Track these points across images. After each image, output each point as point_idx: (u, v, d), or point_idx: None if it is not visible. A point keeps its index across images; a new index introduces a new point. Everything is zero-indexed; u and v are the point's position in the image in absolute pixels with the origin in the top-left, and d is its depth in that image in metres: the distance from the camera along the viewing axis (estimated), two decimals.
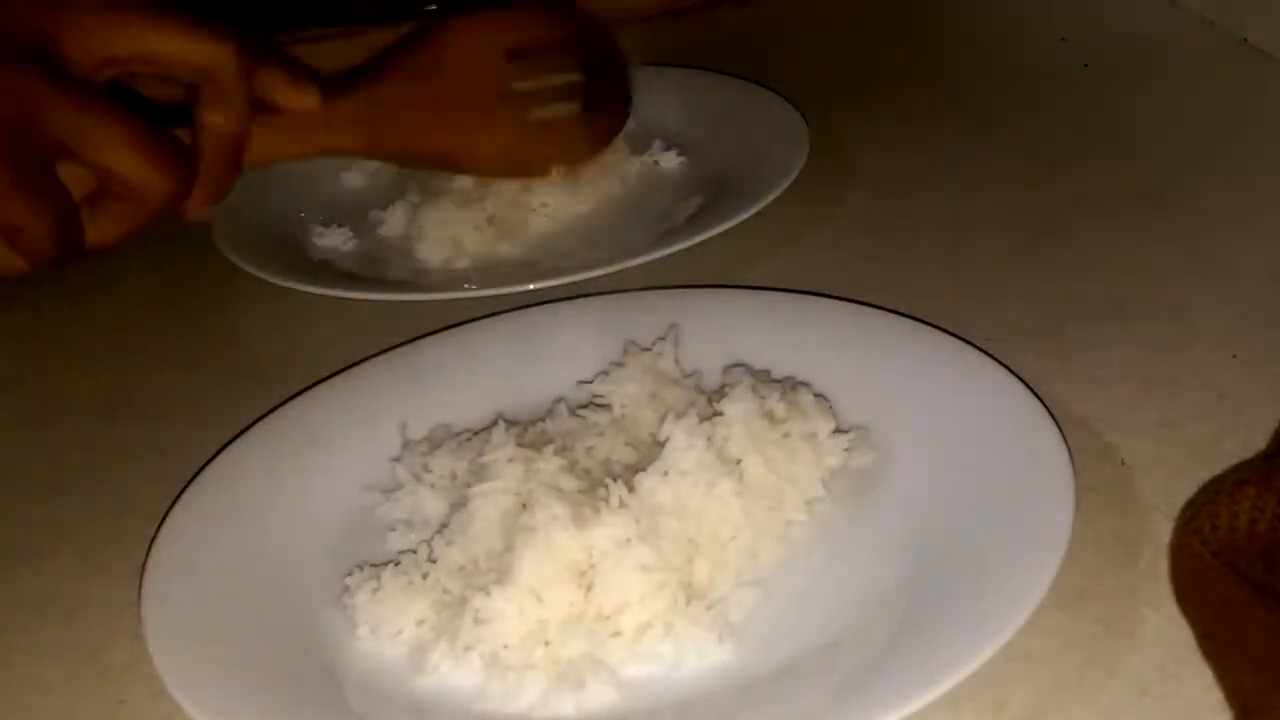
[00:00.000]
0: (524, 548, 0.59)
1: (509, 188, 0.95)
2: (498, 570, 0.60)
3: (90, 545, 0.72)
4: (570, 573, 0.59)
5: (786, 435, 0.66)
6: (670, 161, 1.01)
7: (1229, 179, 0.92)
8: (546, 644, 0.58)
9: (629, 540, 0.59)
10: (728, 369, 0.74)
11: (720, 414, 0.65)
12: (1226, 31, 1.10)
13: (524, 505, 0.62)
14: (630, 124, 1.03)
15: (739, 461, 0.64)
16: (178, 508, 0.68)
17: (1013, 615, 0.54)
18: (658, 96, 1.07)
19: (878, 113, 1.08)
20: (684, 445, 0.63)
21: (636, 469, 0.64)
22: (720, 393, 0.68)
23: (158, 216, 0.66)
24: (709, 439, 0.64)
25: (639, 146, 1.02)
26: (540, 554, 0.59)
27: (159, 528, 0.67)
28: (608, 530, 0.60)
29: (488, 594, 0.59)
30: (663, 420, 0.66)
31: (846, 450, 0.67)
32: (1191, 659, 0.55)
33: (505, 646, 0.58)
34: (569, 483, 0.63)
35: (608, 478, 0.63)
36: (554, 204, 0.95)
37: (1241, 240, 0.84)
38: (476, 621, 0.59)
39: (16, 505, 0.77)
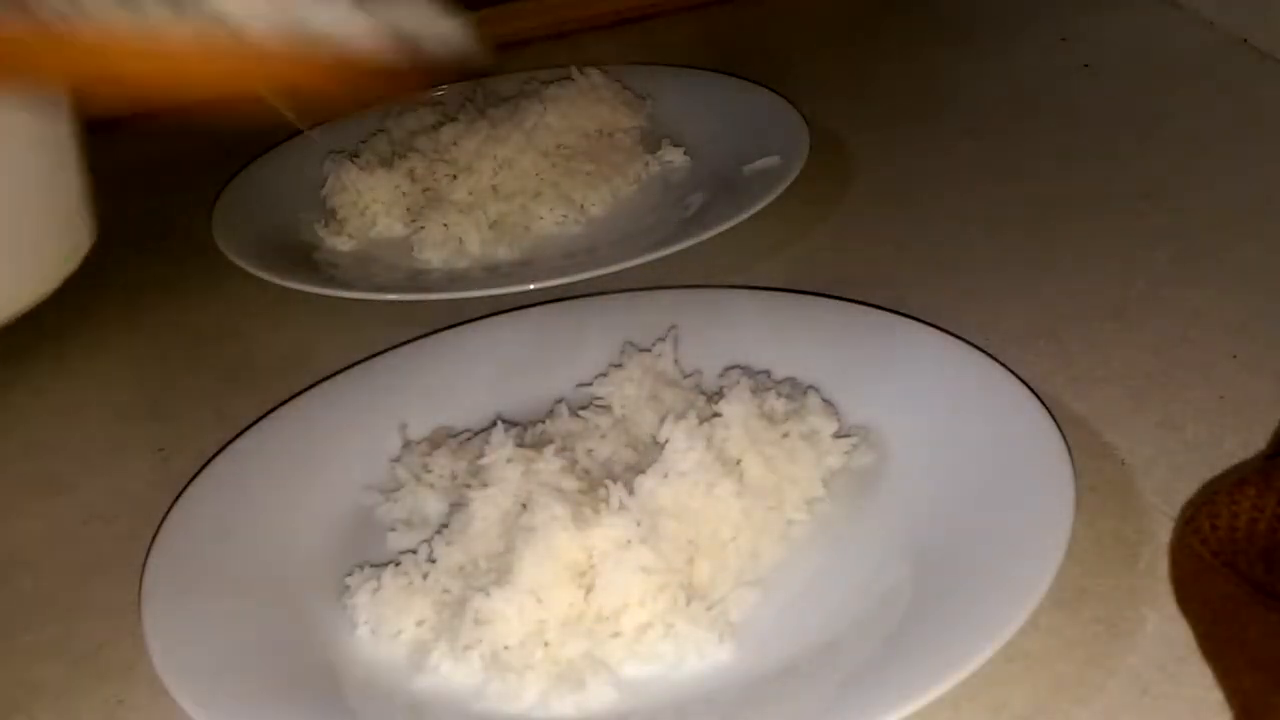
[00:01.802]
0: (524, 548, 0.59)
1: (518, 194, 0.95)
2: (497, 571, 0.60)
3: (90, 546, 0.72)
4: (570, 573, 0.59)
5: (786, 435, 0.66)
6: (679, 160, 1.01)
7: (1229, 179, 0.92)
8: (546, 644, 0.58)
9: (629, 542, 0.59)
10: (726, 370, 0.74)
11: (719, 415, 0.65)
12: (1226, 31, 1.10)
13: (524, 506, 0.62)
14: (644, 123, 1.03)
15: (739, 461, 0.64)
16: (178, 508, 0.68)
17: (1013, 615, 0.54)
18: (659, 96, 1.07)
19: (877, 113, 1.08)
20: (684, 447, 0.63)
21: (637, 470, 0.64)
22: (719, 394, 0.68)
23: None
24: (709, 440, 0.64)
25: (651, 145, 1.02)
26: (540, 555, 0.59)
27: (159, 528, 0.67)
28: (608, 531, 0.60)
29: (487, 594, 0.59)
30: (663, 421, 0.66)
31: (846, 452, 0.67)
32: (1191, 659, 0.55)
33: (505, 647, 0.58)
34: (569, 483, 0.63)
35: (608, 479, 0.63)
36: (562, 209, 0.95)
37: (1241, 240, 0.84)
38: (476, 622, 0.59)
39: (17, 505, 0.77)
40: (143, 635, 0.60)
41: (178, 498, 0.69)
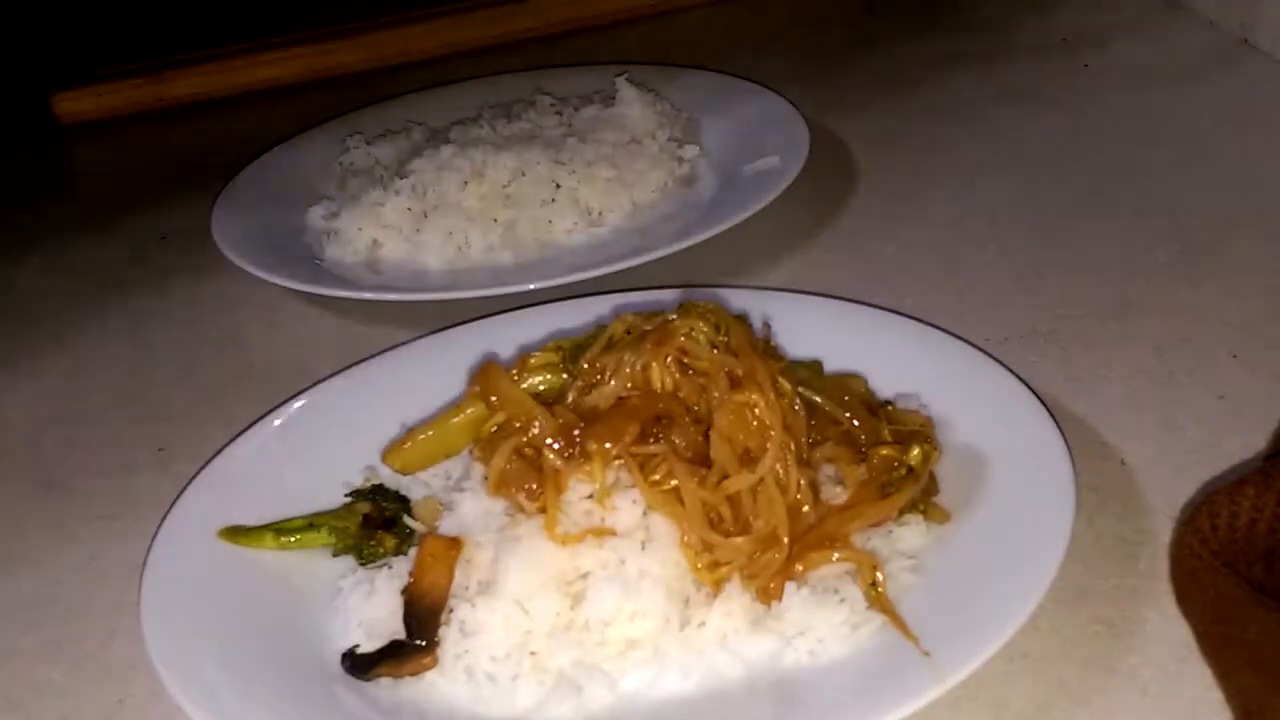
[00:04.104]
0: (508, 558, 0.59)
1: (529, 204, 0.95)
2: (483, 581, 0.60)
3: (90, 545, 0.72)
4: (557, 583, 0.59)
5: None
6: (697, 160, 1.01)
7: (1229, 178, 0.92)
8: (533, 654, 0.58)
9: (623, 560, 0.59)
10: None
11: None
12: (1226, 31, 1.10)
13: (508, 515, 0.62)
14: (667, 130, 1.03)
15: None
16: (178, 508, 0.68)
17: (1013, 615, 0.54)
18: (660, 97, 1.07)
19: (878, 113, 1.08)
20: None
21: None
22: None
23: None
24: None
25: (676, 152, 1.01)
26: (525, 564, 0.59)
27: (159, 527, 0.67)
28: (598, 549, 0.60)
29: (473, 605, 0.59)
30: None
31: None
32: (1191, 659, 0.55)
33: (492, 658, 0.58)
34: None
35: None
36: (574, 217, 0.95)
37: (1241, 240, 0.84)
38: (463, 633, 0.59)
39: (17, 505, 0.77)
40: (143, 635, 0.60)
41: (178, 498, 0.69)
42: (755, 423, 0.61)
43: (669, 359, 0.62)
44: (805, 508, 0.61)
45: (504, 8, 1.32)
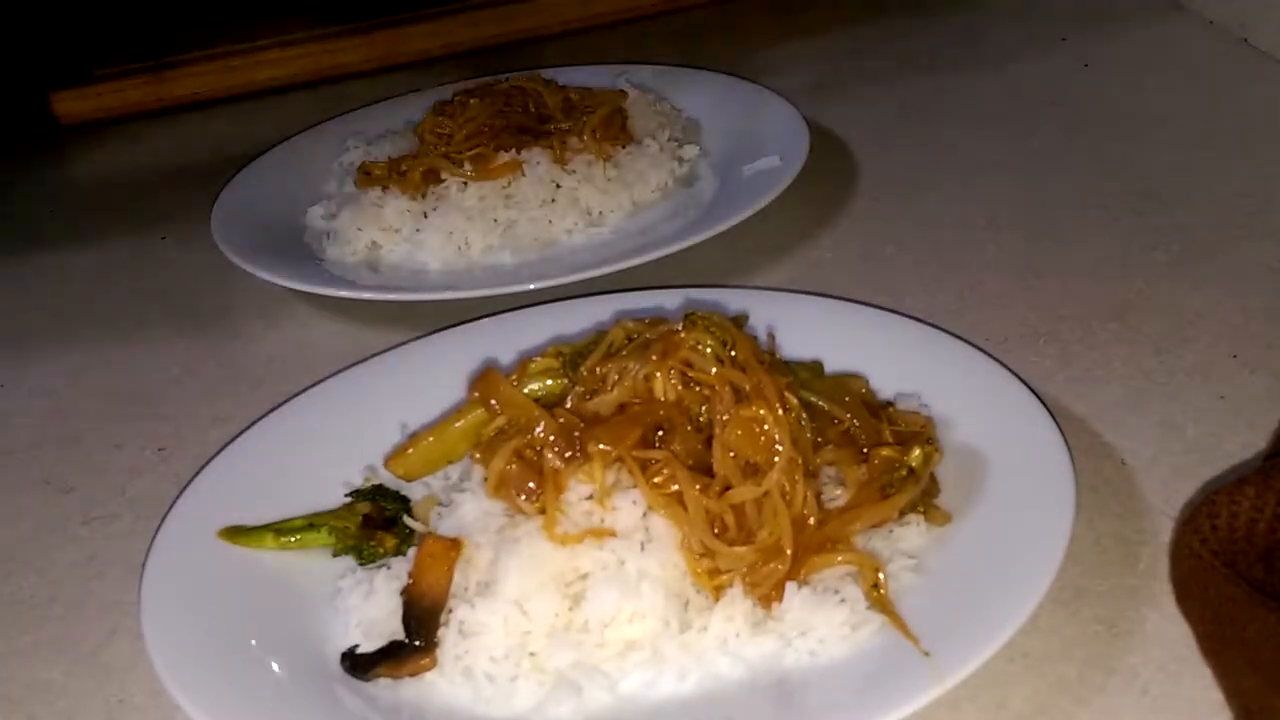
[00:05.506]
0: (508, 559, 0.59)
1: (529, 203, 0.95)
2: (482, 582, 0.60)
3: (90, 545, 0.72)
4: (556, 584, 0.59)
5: None
6: (697, 160, 1.01)
7: (1228, 178, 0.92)
8: (532, 655, 0.58)
9: (623, 561, 0.59)
10: None
11: None
12: (1226, 31, 1.10)
13: (508, 515, 0.62)
14: (666, 130, 1.03)
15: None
16: (178, 508, 0.68)
17: (1013, 615, 0.54)
18: (660, 97, 1.07)
19: (878, 113, 1.08)
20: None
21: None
22: None
23: None
24: None
25: (676, 152, 1.01)
26: (524, 565, 0.59)
27: (159, 527, 0.67)
28: (597, 550, 0.60)
29: (472, 606, 0.59)
30: None
31: None
32: (1191, 659, 0.55)
33: (491, 659, 0.58)
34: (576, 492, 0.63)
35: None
36: (574, 217, 0.95)
37: (1241, 240, 0.84)
38: (462, 634, 0.59)
39: (17, 505, 0.77)
40: (143, 635, 0.60)
41: (178, 498, 0.69)
42: (763, 437, 0.61)
43: (672, 371, 0.62)
44: (810, 520, 0.61)
45: (504, 8, 1.32)
